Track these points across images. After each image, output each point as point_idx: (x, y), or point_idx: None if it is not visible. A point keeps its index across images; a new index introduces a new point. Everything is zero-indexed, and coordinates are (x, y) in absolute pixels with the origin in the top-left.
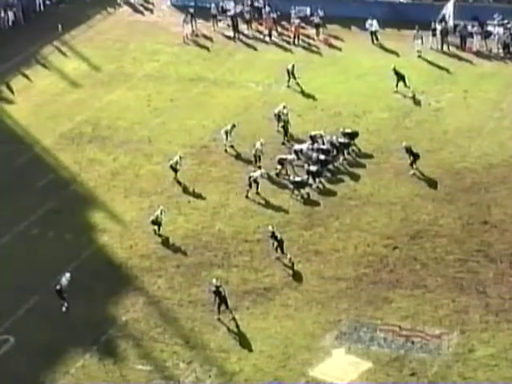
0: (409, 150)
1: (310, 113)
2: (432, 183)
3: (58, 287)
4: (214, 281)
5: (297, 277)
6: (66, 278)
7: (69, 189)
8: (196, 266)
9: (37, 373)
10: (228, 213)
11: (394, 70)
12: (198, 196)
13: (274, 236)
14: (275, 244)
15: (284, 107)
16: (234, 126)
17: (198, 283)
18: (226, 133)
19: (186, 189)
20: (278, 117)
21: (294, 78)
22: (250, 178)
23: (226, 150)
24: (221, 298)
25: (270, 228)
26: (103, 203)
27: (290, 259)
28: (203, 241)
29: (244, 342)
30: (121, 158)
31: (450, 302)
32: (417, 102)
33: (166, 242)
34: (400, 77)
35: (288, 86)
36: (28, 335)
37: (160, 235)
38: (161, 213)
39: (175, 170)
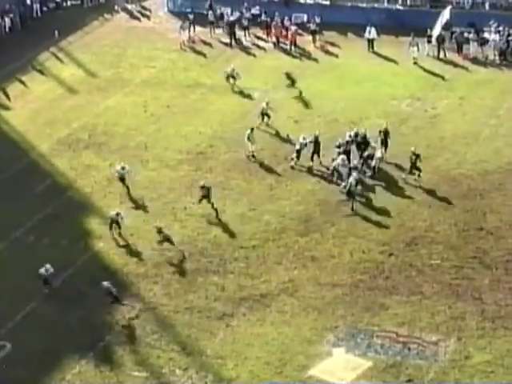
0: (415, 158)
1: (307, 119)
2: (428, 190)
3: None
4: (104, 283)
5: (293, 283)
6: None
7: (65, 195)
8: (192, 272)
9: (33, 379)
10: (224, 219)
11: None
12: (194, 202)
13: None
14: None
15: (267, 103)
16: (252, 129)
17: (194, 289)
18: (249, 138)
19: (183, 195)
20: (262, 115)
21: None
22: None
23: (248, 157)
24: (114, 297)
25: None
26: (99, 209)
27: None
28: (199, 247)
29: (240, 349)
30: (117, 164)
31: (447, 309)
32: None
33: (162, 248)
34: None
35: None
36: (25, 341)
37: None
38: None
39: (122, 179)
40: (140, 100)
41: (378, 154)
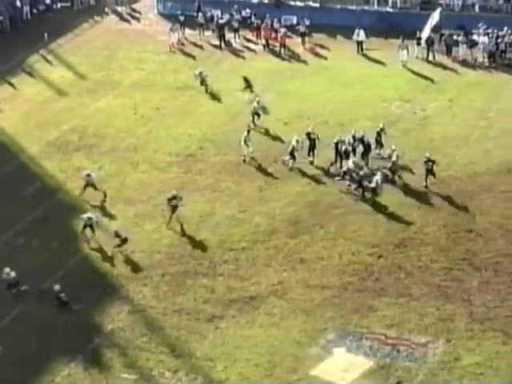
0: (431, 164)
1: (297, 121)
2: (417, 191)
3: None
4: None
5: (282, 285)
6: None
7: (55, 197)
8: (181, 274)
9: (23, 381)
10: (214, 221)
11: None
12: (184, 204)
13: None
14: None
15: (258, 102)
16: (249, 132)
17: (184, 292)
18: (245, 141)
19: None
20: (253, 114)
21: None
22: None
23: (244, 160)
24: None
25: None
26: (89, 212)
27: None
28: (188, 249)
29: (230, 351)
30: (107, 167)
31: (435, 311)
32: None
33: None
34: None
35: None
36: (14, 344)
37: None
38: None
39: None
40: (130, 102)
41: (394, 157)
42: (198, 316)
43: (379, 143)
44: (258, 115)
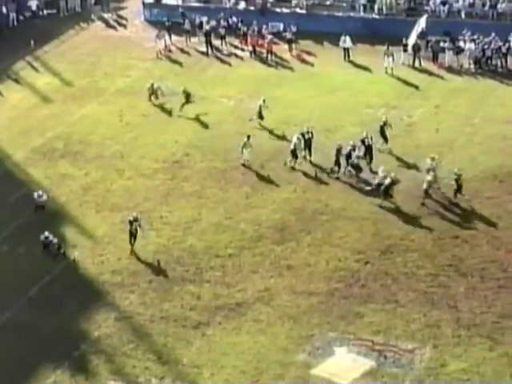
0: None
1: (283, 128)
2: (403, 198)
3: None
4: None
5: (269, 292)
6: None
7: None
8: (168, 281)
9: None
10: (200, 228)
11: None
12: (170, 211)
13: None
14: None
15: (264, 101)
16: (248, 137)
17: (170, 298)
18: (245, 146)
19: (158, 204)
20: (259, 113)
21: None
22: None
23: (244, 165)
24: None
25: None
26: (75, 218)
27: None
28: (175, 256)
29: (216, 357)
30: (93, 173)
31: (422, 317)
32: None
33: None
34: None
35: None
36: None
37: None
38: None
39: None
40: (115, 109)
41: (428, 177)
42: (185, 323)
43: (384, 137)
44: (261, 117)
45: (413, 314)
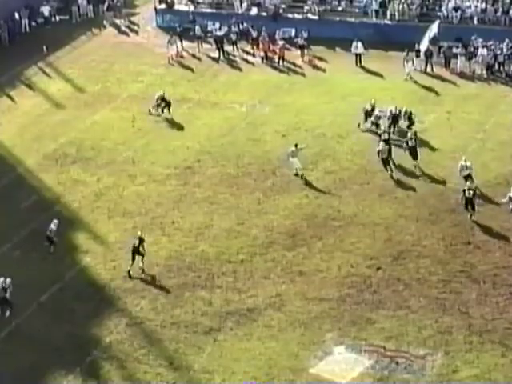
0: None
1: (294, 133)
2: (415, 204)
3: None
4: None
5: (280, 298)
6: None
7: (52, 210)
8: (179, 287)
9: None
10: (212, 234)
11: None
12: (182, 217)
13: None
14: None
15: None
16: (296, 145)
17: (182, 304)
18: (293, 155)
19: (170, 210)
20: None
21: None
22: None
23: (296, 174)
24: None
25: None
26: (87, 224)
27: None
28: (186, 262)
29: (228, 363)
30: (105, 179)
31: (434, 323)
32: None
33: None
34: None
35: None
36: (11, 357)
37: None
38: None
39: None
40: (127, 115)
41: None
42: (196, 328)
43: (411, 121)
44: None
45: (424, 320)
